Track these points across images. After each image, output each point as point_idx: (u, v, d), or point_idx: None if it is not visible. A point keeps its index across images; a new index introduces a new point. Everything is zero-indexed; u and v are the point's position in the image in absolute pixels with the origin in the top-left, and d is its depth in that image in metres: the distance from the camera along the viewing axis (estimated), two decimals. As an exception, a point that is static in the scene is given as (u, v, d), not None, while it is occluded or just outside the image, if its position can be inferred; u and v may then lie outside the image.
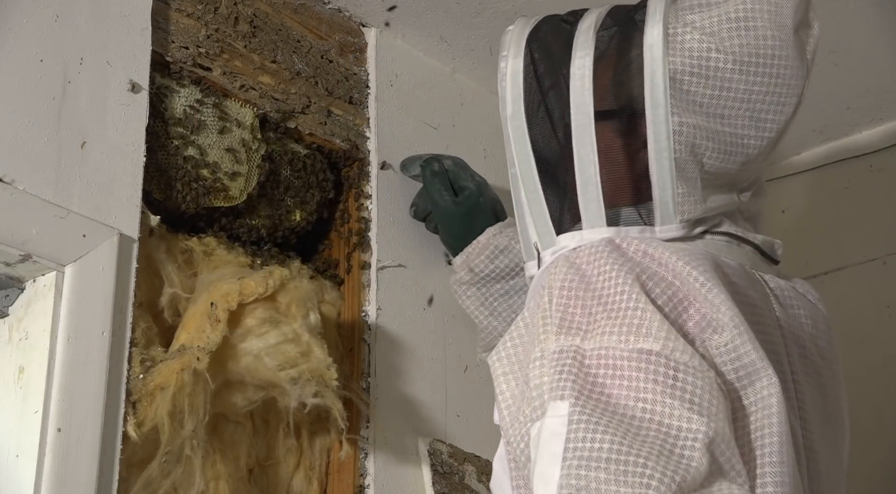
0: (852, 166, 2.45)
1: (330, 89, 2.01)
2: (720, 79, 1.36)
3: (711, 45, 1.36)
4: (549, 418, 1.22)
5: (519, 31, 1.45)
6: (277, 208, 1.90)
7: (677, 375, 1.21)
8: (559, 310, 1.29)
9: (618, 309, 1.27)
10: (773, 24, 1.37)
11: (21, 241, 1.51)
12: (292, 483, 1.80)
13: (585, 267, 1.32)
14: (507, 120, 1.42)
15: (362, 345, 1.91)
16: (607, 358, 1.24)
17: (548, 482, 1.18)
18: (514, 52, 1.43)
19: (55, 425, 1.47)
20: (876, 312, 2.33)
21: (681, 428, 1.19)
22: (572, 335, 1.27)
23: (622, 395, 1.22)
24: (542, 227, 1.40)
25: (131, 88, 1.68)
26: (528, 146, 1.40)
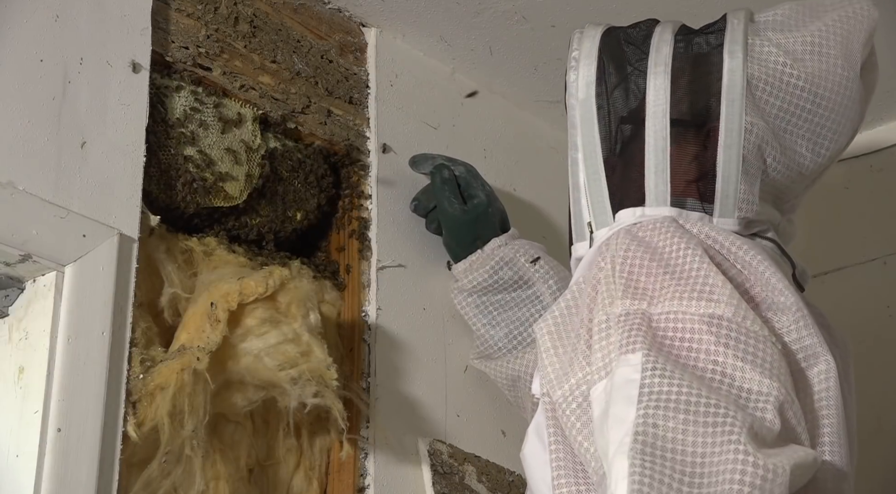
0: (852, 166, 2.45)
1: (330, 89, 2.01)
2: (790, 95, 1.45)
3: (788, 61, 1.45)
4: (620, 369, 1.23)
5: (592, 30, 1.54)
6: (277, 208, 1.90)
7: (748, 341, 1.24)
8: (623, 277, 1.32)
9: (687, 276, 1.30)
10: (844, 57, 1.48)
11: (21, 241, 1.51)
12: (292, 483, 1.80)
13: (649, 239, 1.36)
14: (577, 105, 1.48)
15: (362, 345, 1.91)
16: (677, 322, 1.26)
17: (622, 422, 1.19)
18: (589, 46, 1.51)
19: (55, 425, 1.47)
20: (876, 312, 2.33)
21: (751, 390, 1.21)
22: (638, 299, 1.30)
23: (692, 357, 1.24)
24: (599, 206, 1.45)
25: (132, 68, 1.68)
26: (595, 130, 1.46)
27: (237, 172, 1.82)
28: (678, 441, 1.16)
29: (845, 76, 1.49)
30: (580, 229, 1.48)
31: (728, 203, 1.44)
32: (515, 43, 2.18)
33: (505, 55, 2.21)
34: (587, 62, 1.50)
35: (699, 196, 1.44)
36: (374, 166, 2.03)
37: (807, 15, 1.50)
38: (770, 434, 1.18)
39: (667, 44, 1.49)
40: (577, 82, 1.49)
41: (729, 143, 1.43)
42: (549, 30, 2.15)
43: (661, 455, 1.15)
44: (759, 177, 1.46)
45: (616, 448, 1.18)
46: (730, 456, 1.14)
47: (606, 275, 1.34)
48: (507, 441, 2.04)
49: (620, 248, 1.36)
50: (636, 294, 1.30)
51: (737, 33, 1.47)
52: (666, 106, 1.44)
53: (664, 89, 1.45)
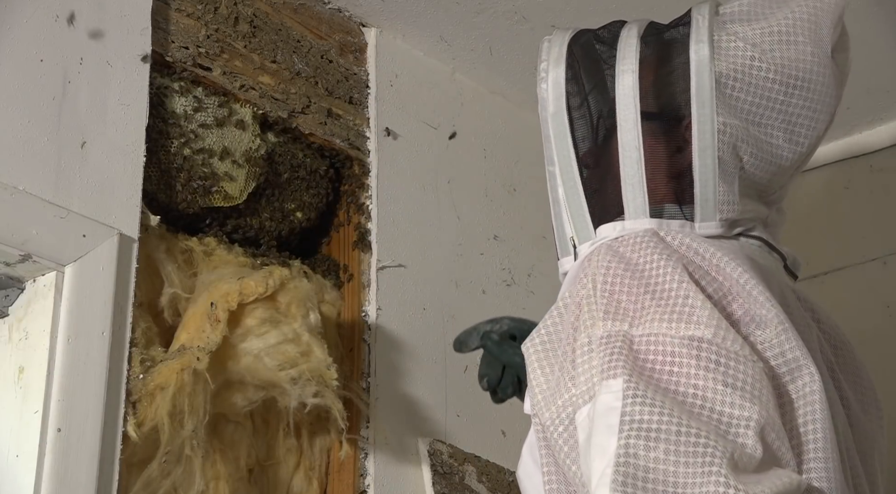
0: (852, 166, 2.45)
1: (330, 89, 2.01)
2: (761, 88, 1.42)
3: (755, 54, 1.42)
4: (601, 395, 1.22)
5: (559, 38, 1.50)
6: (277, 208, 1.90)
7: (728, 363, 1.23)
8: (604, 296, 1.31)
9: (667, 297, 1.28)
10: (813, 42, 1.44)
11: (21, 241, 1.51)
12: (292, 483, 1.80)
13: (630, 255, 1.34)
14: (548, 119, 1.46)
15: (362, 345, 1.91)
16: (657, 344, 1.25)
17: (604, 452, 1.18)
18: (556, 55, 1.48)
19: (55, 425, 1.47)
20: (876, 312, 2.33)
21: (732, 415, 1.20)
22: (619, 320, 1.28)
23: (673, 381, 1.22)
24: (580, 221, 1.43)
25: (142, 58, 1.68)
26: (569, 143, 1.44)
27: (237, 172, 1.82)
28: (659, 471, 1.15)
29: (816, 62, 1.44)
30: (564, 244, 1.46)
31: (708, 206, 1.41)
32: (515, 43, 2.18)
33: (505, 55, 2.21)
34: (556, 72, 1.47)
35: (678, 202, 1.42)
36: (374, 166, 2.03)
37: (773, 2, 1.47)
38: (752, 461, 1.17)
39: (632, 46, 1.45)
40: (548, 94, 1.46)
41: (703, 146, 1.40)
42: (549, 30, 2.14)
43: (642, 487, 1.15)
44: (738, 175, 1.43)
45: (598, 480, 1.17)
46: (710, 488, 1.13)
47: (588, 294, 1.32)
48: (507, 441, 2.04)
49: (601, 265, 1.34)
50: (617, 315, 1.28)
51: (701, 31, 1.43)
52: (636, 113, 1.41)
53: (632, 95, 1.42)
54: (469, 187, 2.18)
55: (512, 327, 1.82)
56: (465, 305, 2.09)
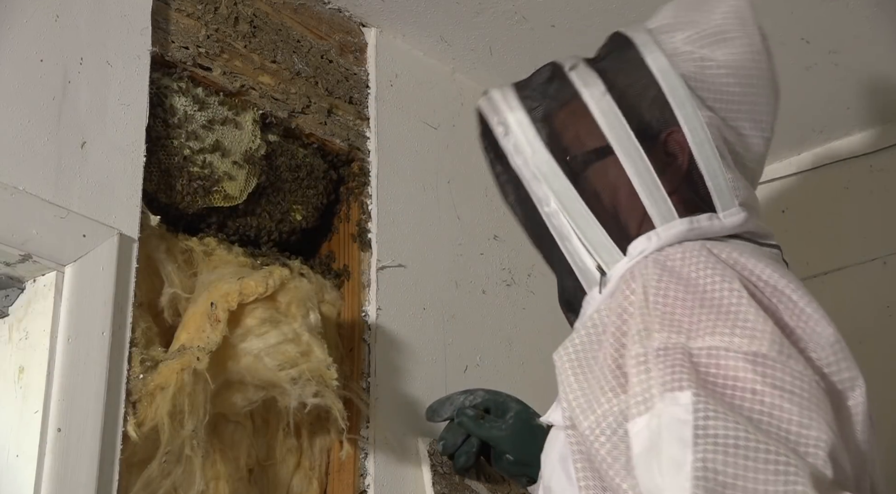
0: (852, 166, 2.45)
1: (330, 89, 2.01)
2: (719, 84, 1.46)
3: (703, 55, 1.46)
4: (667, 408, 1.20)
5: (501, 91, 1.53)
6: (277, 208, 1.90)
7: (794, 381, 1.22)
8: (658, 309, 1.30)
9: (726, 311, 1.27)
10: (746, 35, 1.49)
11: (21, 241, 1.51)
12: (292, 483, 1.80)
13: (682, 269, 1.33)
14: (526, 164, 1.47)
15: (362, 345, 1.91)
16: (719, 358, 1.24)
17: (679, 466, 1.17)
18: (510, 104, 1.50)
19: (55, 425, 1.47)
20: (876, 312, 2.33)
21: (800, 434, 1.19)
22: (676, 332, 1.27)
23: (737, 396, 1.21)
24: (602, 247, 1.43)
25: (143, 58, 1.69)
26: (562, 178, 1.45)
27: (237, 172, 1.82)
28: (738, 487, 1.15)
29: (754, 51, 1.49)
30: (588, 276, 1.44)
31: (724, 195, 1.44)
32: (515, 43, 2.18)
33: (505, 55, 2.21)
34: (517, 115, 1.48)
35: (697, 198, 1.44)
36: (374, 166, 2.03)
37: (689, 11, 1.51)
38: (825, 482, 1.17)
39: (591, 72, 1.47)
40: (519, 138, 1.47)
41: (698, 140, 1.43)
42: (549, 30, 2.15)
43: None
44: (734, 161, 1.46)
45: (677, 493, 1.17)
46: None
47: (639, 305, 1.31)
48: (507, 441, 2.03)
49: (651, 278, 1.33)
50: (673, 327, 1.27)
51: (649, 43, 1.47)
52: (626, 129, 1.43)
53: (616, 115, 1.44)
54: (469, 187, 2.18)
55: (486, 400, 1.83)
56: (465, 305, 2.09)
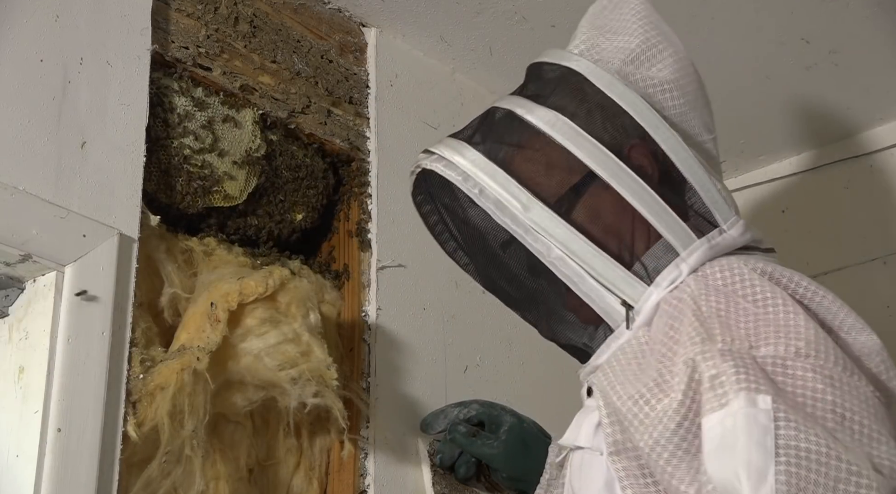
0: (852, 166, 2.45)
1: (330, 89, 2.01)
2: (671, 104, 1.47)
3: (645, 75, 1.47)
4: (745, 408, 1.19)
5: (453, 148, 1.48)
6: (277, 208, 1.90)
7: (860, 395, 1.22)
8: (714, 320, 1.28)
9: (785, 325, 1.27)
10: (669, 41, 1.50)
11: (21, 241, 1.51)
12: (292, 483, 1.80)
13: (728, 287, 1.33)
14: (516, 219, 1.40)
15: (362, 345, 1.91)
16: (786, 367, 1.23)
17: (762, 476, 1.16)
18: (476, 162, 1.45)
19: (55, 425, 1.47)
20: (876, 312, 2.32)
21: (872, 447, 1.19)
22: (738, 339, 1.26)
23: (808, 404, 1.21)
24: (622, 281, 1.39)
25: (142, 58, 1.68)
26: (562, 224, 1.40)
27: (237, 172, 1.82)
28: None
29: (680, 55, 1.50)
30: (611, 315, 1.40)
31: (722, 208, 1.44)
32: (515, 43, 2.18)
33: (505, 55, 2.21)
34: (496, 178, 1.41)
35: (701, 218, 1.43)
36: (375, 166, 2.03)
37: (604, 31, 1.50)
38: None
39: (555, 116, 1.42)
40: (504, 201, 1.40)
41: (683, 159, 1.43)
42: (549, 30, 2.15)
43: None
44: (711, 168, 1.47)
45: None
46: None
47: (691, 319, 1.29)
48: (507, 441, 2.03)
49: (700, 296, 1.32)
50: (735, 335, 1.26)
51: (596, 70, 1.44)
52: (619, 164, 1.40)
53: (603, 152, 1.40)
54: (469, 187, 2.18)
55: (480, 413, 1.83)
56: (465, 305, 2.09)
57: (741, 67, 2.25)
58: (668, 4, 2.08)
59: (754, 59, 2.23)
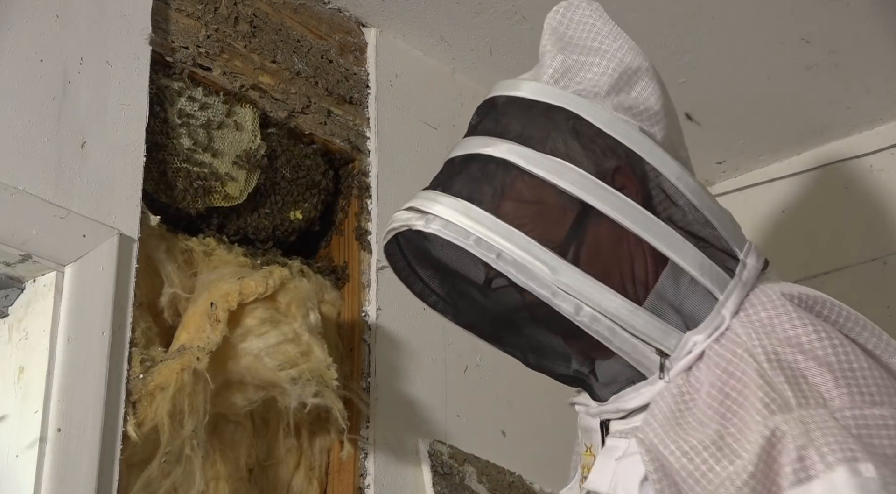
0: (852, 166, 2.45)
1: (330, 89, 2.01)
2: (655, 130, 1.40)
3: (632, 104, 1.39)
4: (849, 479, 1.16)
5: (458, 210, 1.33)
6: (277, 208, 1.90)
7: None
8: (780, 378, 1.25)
9: (850, 369, 1.25)
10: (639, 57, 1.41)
11: (21, 241, 1.51)
12: (292, 483, 1.80)
13: (781, 332, 1.29)
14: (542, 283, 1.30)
15: (362, 345, 1.91)
16: (866, 420, 1.21)
17: None
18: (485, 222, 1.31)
19: (55, 425, 1.47)
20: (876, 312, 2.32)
21: None
22: (813, 401, 1.23)
23: None
24: (657, 331, 1.32)
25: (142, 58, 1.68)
26: (593, 282, 1.31)
27: (237, 172, 1.82)
28: None
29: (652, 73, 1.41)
30: (643, 364, 1.33)
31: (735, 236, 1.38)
32: (515, 43, 2.18)
33: (505, 55, 2.21)
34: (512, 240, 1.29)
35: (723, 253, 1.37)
36: (374, 166, 2.03)
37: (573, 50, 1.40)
38: None
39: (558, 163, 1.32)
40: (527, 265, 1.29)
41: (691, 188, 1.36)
42: (549, 30, 2.14)
43: None
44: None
45: None
46: None
47: (757, 376, 1.25)
48: (507, 441, 2.04)
49: (756, 347, 1.28)
50: (808, 396, 1.23)
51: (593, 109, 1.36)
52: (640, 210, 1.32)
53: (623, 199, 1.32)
54: (469, 187, 2.18)
55: None
56: (465, 305, 2.09)
57: (741, 67, 2.25)
58: (669, 4, 2.09)
59: (754, 59, 2.23)
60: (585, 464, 1.42)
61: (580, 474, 1.43)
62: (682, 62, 2.22)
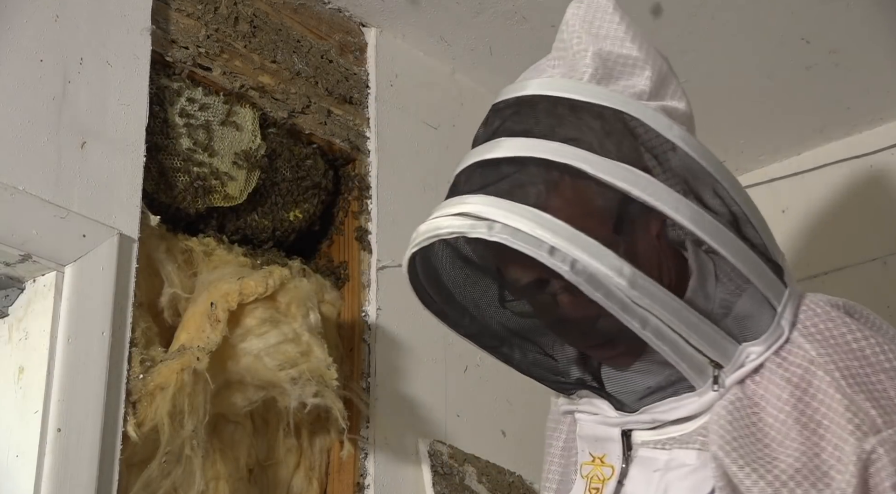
0: (852, 166, 2.45)
1: (330, 89, 2.01)
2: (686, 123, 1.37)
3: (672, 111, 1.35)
4: None
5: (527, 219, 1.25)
6: (277, 208, 1.90)
7: None
8: (862, 395, 1.25)
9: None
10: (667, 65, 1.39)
11: (21, 241, 1.51)
12: (292, 482, 1.80)
13: (842, 344, 1.29)
14: (612, 294, 1.23)
15: (362, 345, 1.91)
16: None
17: None
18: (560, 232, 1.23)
19: (55, 425, 1.47)
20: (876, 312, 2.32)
21: None
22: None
23: None
24: (715, 343, 1.28)
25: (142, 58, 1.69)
26: (668, 296, 1.26)
27: (237, 172, 1.82)
28: None
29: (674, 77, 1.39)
30: (698, 376, 1.28)
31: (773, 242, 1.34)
32: (515, 43, 2.18)
33: (505, 55, 2.21)
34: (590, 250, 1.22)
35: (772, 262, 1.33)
36: (374, 166, 2.03)
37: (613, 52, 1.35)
38: None
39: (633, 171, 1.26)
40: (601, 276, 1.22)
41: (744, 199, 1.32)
42: (549, 30, 2.14)
43: None
44: None
45: None
46: None
47: (838, 393, 1.24)
48: (507, 441, 2.03)
49: (828, 363, 1.27)
50: (890, 409, 1.23)
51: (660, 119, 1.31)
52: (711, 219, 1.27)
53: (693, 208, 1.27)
54: (469, 187, 2.18)
55: None
56: (465, 305, 2.09)
57: (741, 67, 2.25)
58: (669, 4, 2.09)
59: (754, 59, 2.23)
60: (595, 475, 1.37)
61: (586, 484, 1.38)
62: (682, 62, 2.22)
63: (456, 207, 1.29)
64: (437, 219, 1.31)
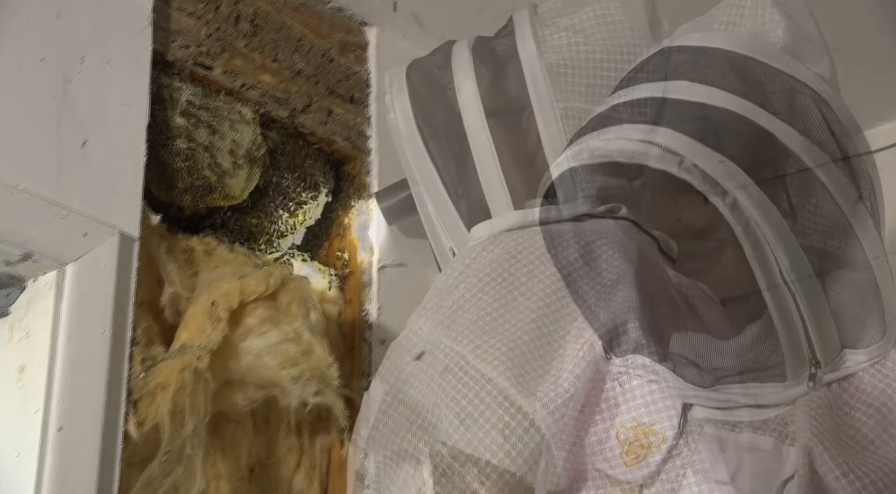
0: (852, 166, 2.45)
1: (331, 88, 2.01)
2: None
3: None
4: None
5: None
6: (278, 208, 1.90)
7: None
8: None
9: None
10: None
11: (22, 240, 1.51)
12: (293, 482, 1.80)
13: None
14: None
15: (363, 344, 1.91)
16: None
17: None
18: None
19: (56, 424, 1.47)
20: (876, 311, 2.33)
21: None
22: None
23: None
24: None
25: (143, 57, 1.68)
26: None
27: (238, 171, 1.82)
28: None
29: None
30: (795, 368, 1.29)
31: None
32: (516, 42, 2.18)
33: (505, 55, 2.21)
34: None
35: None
36: (375, 165, 2.03)
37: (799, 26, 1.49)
38: None
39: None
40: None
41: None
42: (549, 29, 2.15)
43: None
44: None
45: None
46: None
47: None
48: (507, 440, 2.03)
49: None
50: None
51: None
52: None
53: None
54: (469, 187, 2.18)
55: None
56: (465, 304, 2.09)
57: (742, 67, 2.25)
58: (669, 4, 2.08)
59: (755, 58, 2.23)
60: (637, 441, 1.36)
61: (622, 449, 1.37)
62: (682, 62, 2.22)
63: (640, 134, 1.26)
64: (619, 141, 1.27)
